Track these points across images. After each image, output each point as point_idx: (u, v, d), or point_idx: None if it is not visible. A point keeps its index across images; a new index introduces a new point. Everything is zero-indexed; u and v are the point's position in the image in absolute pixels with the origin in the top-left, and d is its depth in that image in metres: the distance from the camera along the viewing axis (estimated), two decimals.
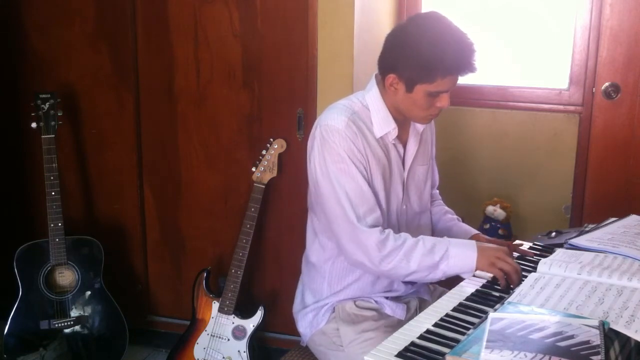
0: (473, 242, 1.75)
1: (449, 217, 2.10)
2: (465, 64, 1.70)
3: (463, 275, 1.74)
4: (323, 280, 1.93)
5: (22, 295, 2.53)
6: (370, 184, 1.79)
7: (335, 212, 1.76)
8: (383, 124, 1.82)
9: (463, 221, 2.13)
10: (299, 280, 2.06)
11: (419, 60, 1.68)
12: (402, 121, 1.87)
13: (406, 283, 1.95)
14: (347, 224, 1.75)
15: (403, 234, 1.76)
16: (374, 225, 1.76)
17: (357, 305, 1.89)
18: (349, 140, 1.75)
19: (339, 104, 1.85)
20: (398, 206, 1.91)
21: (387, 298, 1.91)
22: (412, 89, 1.73)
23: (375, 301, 1.90)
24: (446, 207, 2.15)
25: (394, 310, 1.89)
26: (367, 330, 1.85)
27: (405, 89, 1.75)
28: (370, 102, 1.83)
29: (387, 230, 1.76)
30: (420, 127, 1.93)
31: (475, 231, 2.03)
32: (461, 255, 1.71)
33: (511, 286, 1.61)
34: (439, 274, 1.73)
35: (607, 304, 1.37)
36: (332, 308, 1.93)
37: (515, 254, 1.87)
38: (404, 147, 1.91)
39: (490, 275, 1.69)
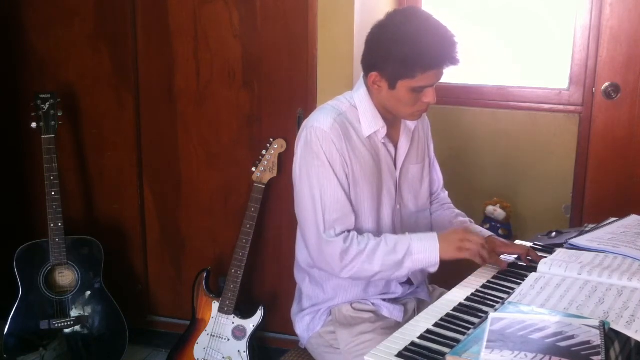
0: (434, 233, 1.74)
1: (461, 220, 2.06)
2: (445, 58, 1.67)
3: (429, 269, 1.76)
4: (317, 285, 1.93)
5: (22, 295, 2.53)
6: (349, 190, 1.79)
7: (308, 215, 1.77)
8: (371, 123, 1.81)
9: None
10: (297, 284, 2.06)
11: (397, 56, 1.67)
12: (392, 120, 1.86)
13: (403, 284, 1.95)
14: (314, 231, 1.76)
15: (366, 235, 1.76)
16: (342, 232, 1.76)
17: (353, 308, 1.89)
18: (332, 144, 1.74)
19: (327, 105, 1.85)
20: (392, 206, 1.90)
21: (384, 300, 1.90)
22: (394, 85, 1.72)
23: (372, 303, 1.90)
24: (457, 210, 2.11)
25: (391, 312, 1.88)
26: (364, 332, 1.84)
27: (388, 86, 1.73)
28: (359, 101, 1.82)
29: (351, 235, 1.75)
30: (411, 125, 1.91)
31: (489, 233, 1.97)
32: (424, 250, 1.71)
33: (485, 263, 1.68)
34: (404, 271, 1.74)
35: (607, 304, 1.37)
36: (329, 311, 1.92)
37: (512, 256, 1.86)
38: (395, 146, 1.90)
39: (490, 276, 1.69)
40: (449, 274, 1.83)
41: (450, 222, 2.04)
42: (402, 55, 1.66)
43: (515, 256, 1.85)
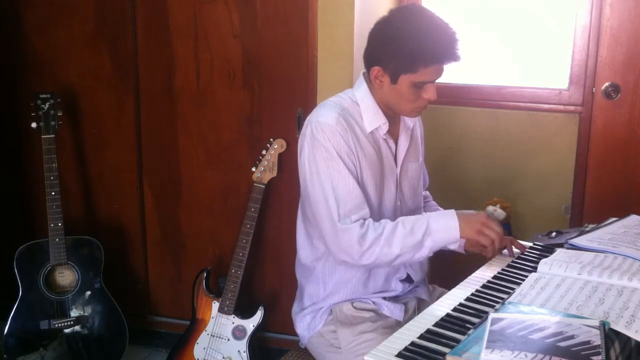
0: (452, 211, 1.75)
1: None
2: (447, 53, 1.70)
3: (450, 247, 1.76)
4: (318, 282, 1.93)
5: (22, 295, 2.53)
6: (360, 181, 1.79)
7: (321, 210, 1.77)
8: (373, 119, 1.82)
9: None
10: (298, 283, 2.06)
11: (401, 49, 1.69)
12: (392, 117, 1.88)
13: (403, 281, 1.96)
14: (329, 223, 1.75)
15: (383, 221, 1.76)
16: (358, 220, 1.75)
17: (354, 307, 1.89)
18: (339, 136, 1.75)
19: (329, 101, 1.86)
20: (392, 203, 1.91)
21: (384, 299, 1.91)
22: (396, 80, 1.74)
23: (373, 302, 1.90)
24: (437, 205, 2.17)
25: (391, 311, 1.89)
26: (365, 331, 1.85)
27: (390, 81, 1.75)
28: (360, 98, 1.84)
29: (367, 221, 1.74)
30: (410, 123, 1.93)
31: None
32: (443, 228, 1.71)
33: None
34: (425, 252, 1.73)
35: (607, 304, 1.37)
36: (330, 310, 1.92)
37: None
38: (395, 143, 1.91)
39: (490, 276, 1.69)
40: (449, 273, 1.83)
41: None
42: (405, 49, 1.69)
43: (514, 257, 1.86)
